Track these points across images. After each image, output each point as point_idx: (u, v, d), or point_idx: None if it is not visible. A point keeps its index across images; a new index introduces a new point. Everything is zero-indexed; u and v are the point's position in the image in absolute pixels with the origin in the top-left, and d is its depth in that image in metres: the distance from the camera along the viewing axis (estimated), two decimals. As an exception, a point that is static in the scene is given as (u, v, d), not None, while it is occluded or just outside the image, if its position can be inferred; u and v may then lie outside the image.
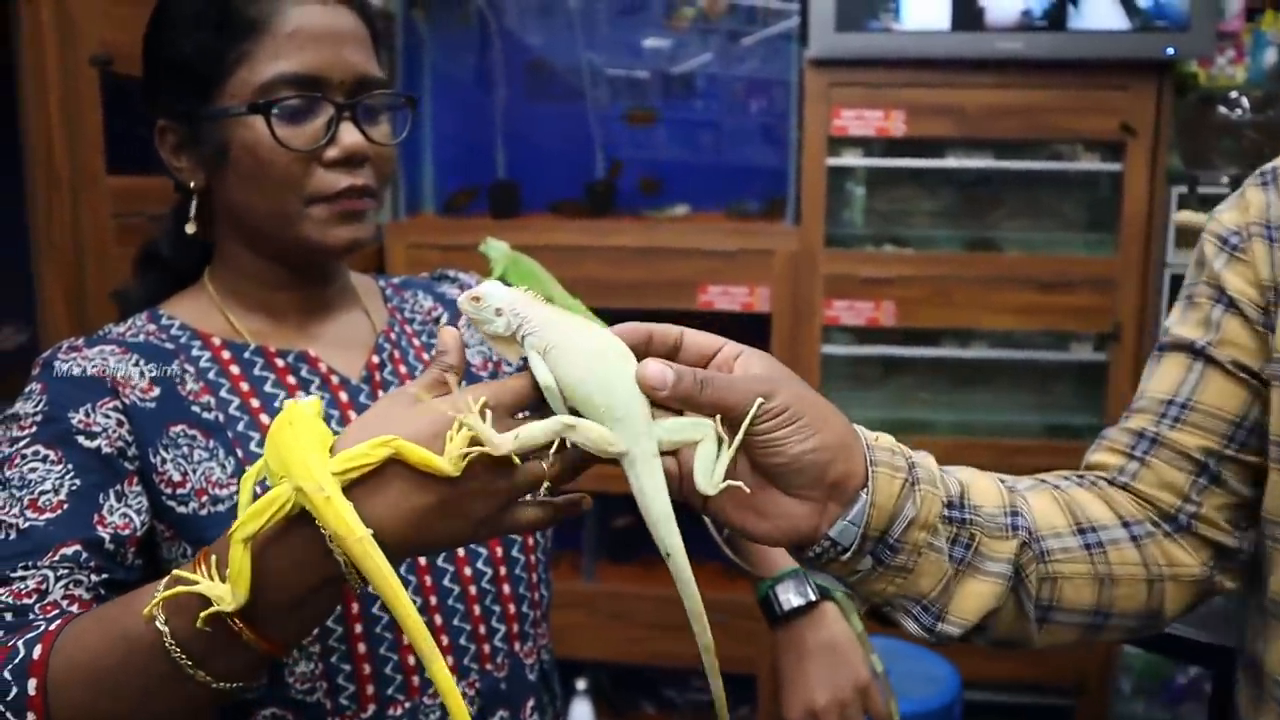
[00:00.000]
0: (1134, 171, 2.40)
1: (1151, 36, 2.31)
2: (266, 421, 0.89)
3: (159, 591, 0.63)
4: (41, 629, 0.67)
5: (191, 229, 0.93)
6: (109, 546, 0.77)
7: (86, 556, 0.75)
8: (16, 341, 1.67)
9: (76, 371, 0.85)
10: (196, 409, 0.87)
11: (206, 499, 0.85)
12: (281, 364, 0.93)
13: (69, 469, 0.79)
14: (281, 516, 0.59)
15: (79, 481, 0.78)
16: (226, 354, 0.92)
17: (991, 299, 2.49)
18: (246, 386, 0.90)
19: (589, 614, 2.65)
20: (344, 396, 0.94)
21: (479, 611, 0.94)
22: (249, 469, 0.64)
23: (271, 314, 0.96)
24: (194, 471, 0.85)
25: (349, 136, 0.87)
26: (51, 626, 0.67)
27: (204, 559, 0.62)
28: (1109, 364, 2.49)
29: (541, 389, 0.64)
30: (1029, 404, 2.70)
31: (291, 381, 0.92)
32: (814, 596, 1.05)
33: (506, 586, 0.96)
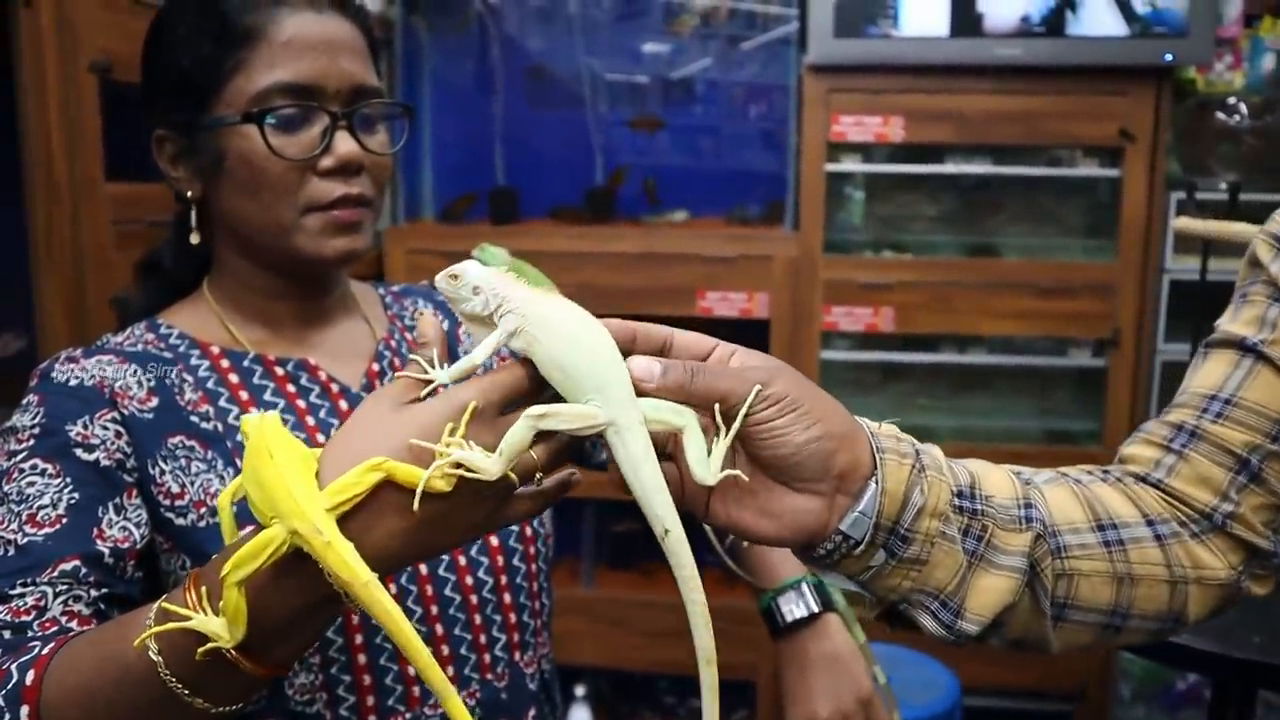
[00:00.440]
0: (1133, 177, 2.40)
1: (1150, 43, 2.31)
2: None
3: (150, 620, 0.61)
4: (36, 652, 0.66)
5: (196, 239, 0.92)
6: (108, 561, 0.76)
7: (86, 572, 0.75)
8: (16, 348, 1.67)
9: (74, 382, 0.84)
10: (195, 419, 0.87)
11: (205, 510, 0.84)
12: (281, 372, 0.92)
13: (67, 482, 0.78)
14: (278, 559, 0.57)
15: (77, 495, 0.78)
16: (225, 363, 0.91)
17: (991, 304, 2.50)
18: (245, 395, 0.90)
19: (588, 620, 2.65)
20: (344, 405, 0.94)
21: (479, 621, 0.93)
22: (224, 489, 0.63)
23: (270, 323, 0.95)
24: (192, 483, 0.85)
25: (344, 145, 0.87)
26: (45, 650, 0.66)
27: (194, 585, 0.61)
28: (1108, 370, 2.49)
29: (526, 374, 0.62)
30: (1028, 409, 2.70)
31: (291, 390, 0.92)
32: (816, 608, 1.04)
33: (507, 596, 0.96)
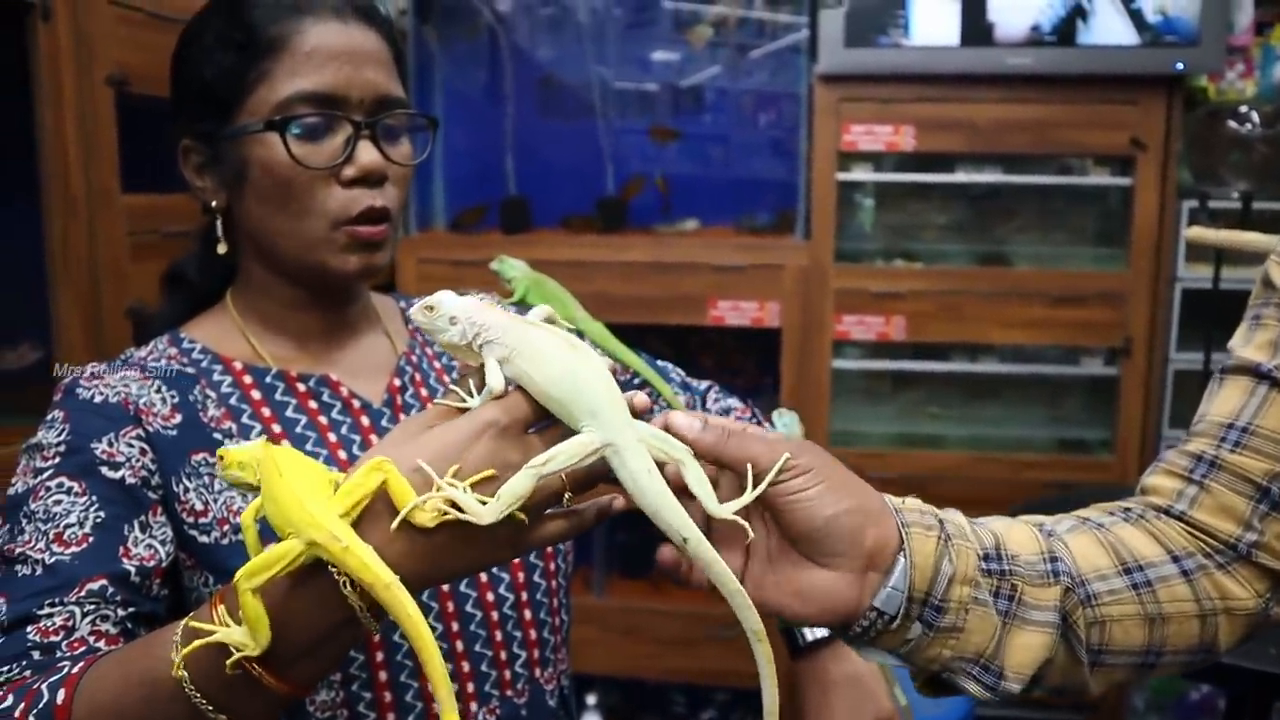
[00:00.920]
0: (1144, 186, 2.40)
1: (1161, 51, 2.31)
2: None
3: (176, 637, 0.62)
4: (65, 671, 0.66)
5: (223, 249, 0.93)
6: (135, 579, 0.77)
7: (113, 591, 0.75)
8: (33, 358, 1.67)
9: (99, 399, 0.84)
10: (218, 435, 0.87)
11: (228, 528, 0.84)
12: (303, 389, 0.92)
13: (93, 500, 0.78)
14: (293, 569, 0.58)
15: (103, 514, 0.78)
16: (248, 378, 0.91)
17: (1002, 313, 2.49)
18: (268, 412, 0.90)
19: (600, 629, 2.64)
20: (365, 421, 0.93)
21: (500, 637, 0.93)
22: (248, 507, 0.64)
23: (292, 336, 0.95)
24: (215, 500, 0.85)
25: (366, 155, 0.87)
26: (75, 669, 0.66)
27: (219, 602, 0.61)
28: (1120, 378, 2.49)
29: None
30: (1040, 418, 2.69)
31: (313, 406, 0.92)
32: None
33: (528, 612, 0.95)
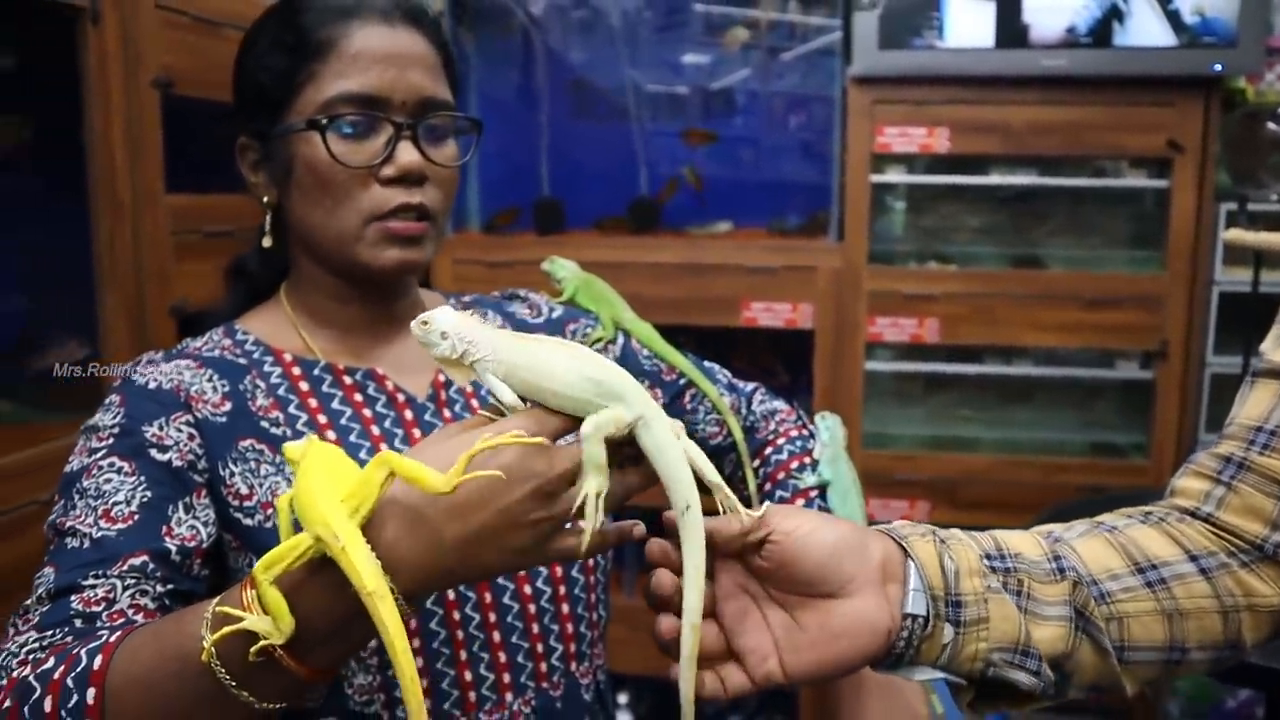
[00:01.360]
0: (1181, 188, 2.38)
1: (1198, 53, 2.30)
2: (333, 437, 0.91)
3: (208, 615, 0.64)
4: (104, 639, 0.69)
5: (268, 242, 0.96)
6: (175, 558, 0.79)
7: (153, 567, 0.77)
8: (80, 356, 1.71)
9: (153, 385, 0.87)
10: (265, 424, 0.89)
11: (271, 512, 0.86)
12: (349, 381, 0.95)
13: (141, 481, 0.81)
14: (304, 562, 0.60)
15: (150, 494, 0.81)
16: (297, 370, 0.94)
17: (1035, 316, 2.48)
18: (314, 403, 0.92)
19: (630, 629, 2.65)
20: (409, 415, 0.95)
21: (537, 630, 0.94)
22: (282, 494, 0.66)
23: (342, 330, 0.97)
24: (260, 485, 0.87)
25: (405, 155, 0.89)
26: (113, 638, 0.69)
27: (247, 586, 0.64)
28: (1155, 382, 2.47)
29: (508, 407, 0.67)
30: (1073, 422, 2.68)
31: (358, 399, 0.94)
32: None
33: (565, 606, 0.96)
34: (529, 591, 0.94)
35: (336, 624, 0.63)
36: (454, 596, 0.90)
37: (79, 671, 0.66)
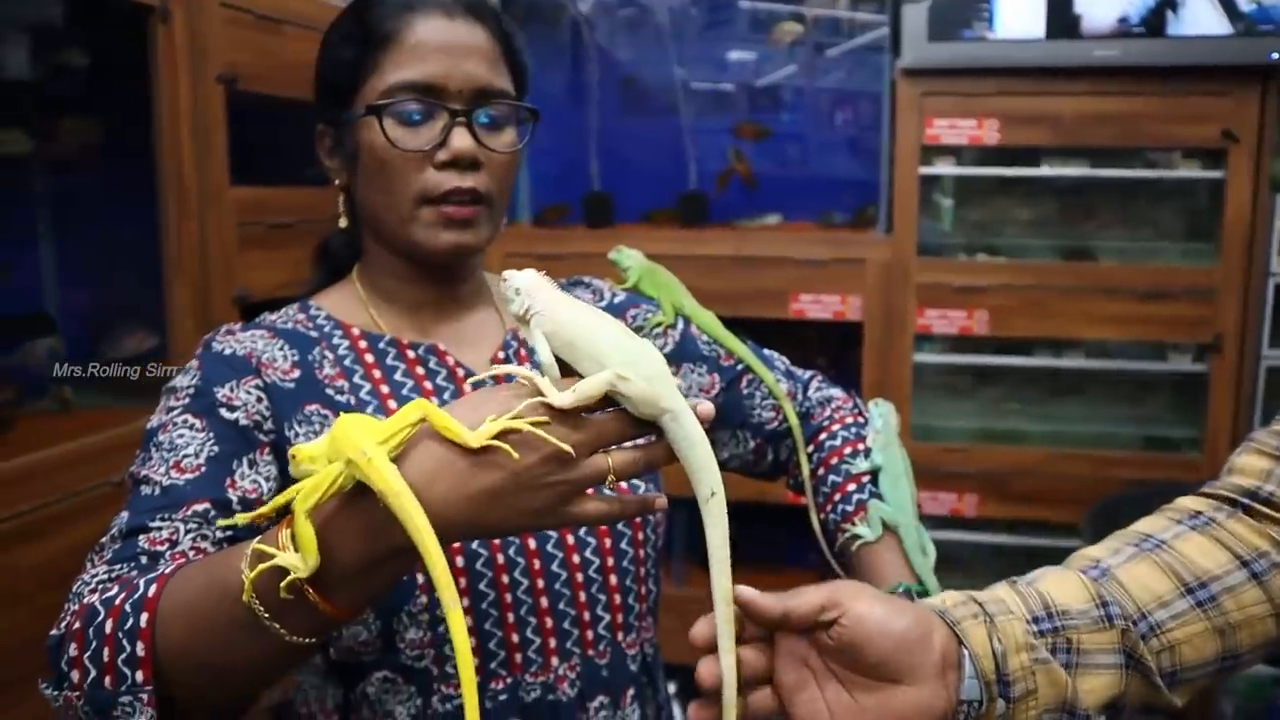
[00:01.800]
0: (1236, 178, 2.36)
1: (1255, 41, 2.27)
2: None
3: (249, 552, 0.69)
4: (161, 571, 0.75)
5: (343, 223, 1.02)
6: (235, 508, 0.84)
7: (214, 514, 0.83)
8: (149, 345, 1.77)
9: (228, 352, 0.93)
10: (331, 391, 0.94)
11: None
12: (412, 355, 0.99)
13: (210, 437, 0.87)
14: (337, 489, 0.64)
15: (217, 449, 0.86)
16: (363, 343, 0.99)
17: (1087, 308, 2.47)
18: (378, 374, 0.97)
19: (680, 618, 2.67)
20: (468, 389, 0.98)
21: (584, 599, 0.98)
22: (298, 445, 0.70)
23: (407, 308, 1.02)
24: None
25: (459, 141, 0.93)
26: (168, 570, 0.74)
27: (283, 527, 0.68)
28: (1209, 375, 2.45)
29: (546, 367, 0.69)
30: (1124, 415, 2.66)
31: (420, 372, 0.98)
32: None
33: (613, 578, 0.99)
34: (577, 561, 0.97)
35: (362, 563, 0.67)
36: (503, 561, 0.93)
37: (136, 598, 0.72)
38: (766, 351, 1.18)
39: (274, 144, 2.09)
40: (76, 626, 0.73)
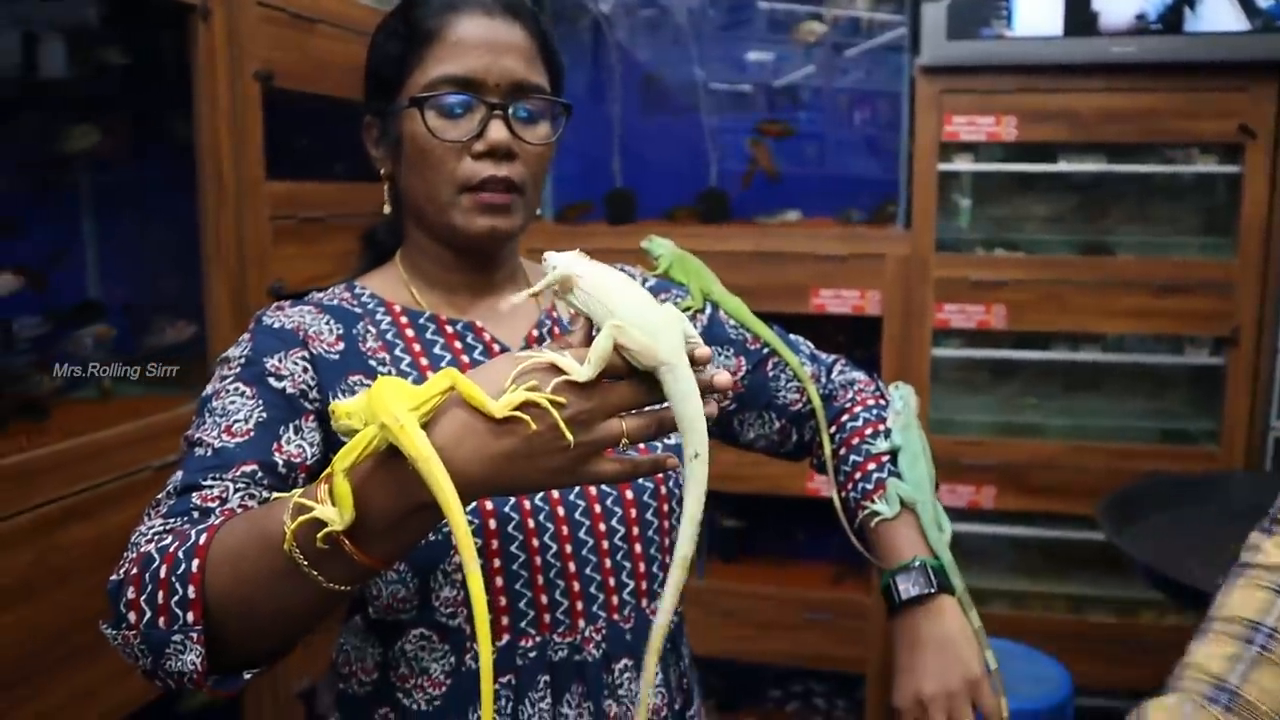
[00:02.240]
0: (1254, 173, 2.38)
1: (1272, 38, 2.30)
2: None
3: (291, 505, 0.74)
4: (211, 523, 0.81)
5: (387, 209, 1.07)
6: (281, 470, 0.91)
7: (261, 475, 0.89)
8: (188, 334, 1.82)
9: (277, 325, 1.00)
10: (373, 363, 1.00)
11: None
12: (450, 330, 1.05)
13: (259, 404, 0.93)
14: (372, 450, 0.70)
15: (265, 415, 0.92)
16: (404, 319, 1.05)
17: (1104, 302, 2.50)
18: (418, 348, 1.03)
19: (702, 611, 2.71)
20: None
21: (610, 565, 1.02)
22: (337, 402, 0.75)
23: (446, 290, 1.08)
24: None
25: (495, 132, 0.99)
26: (218, 521, 0.81)
27: (323, 483, 0.73)
28: (1226, 368, 2.47)
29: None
30: (1142, 409, 2.68)
31: (458, 346, 1.04)
32: (931, 588, 1.05)
33: (638, 546, 1.04)
34: (603, 529, 1.02)
35: (393, 518, 0.72)
36: (534, 525, 0.99)
37: (188, 546, 0.78)
38: (792, 336, 1.22)
39: (306, 139, 2.14)
40: (134, 572, 0.79)
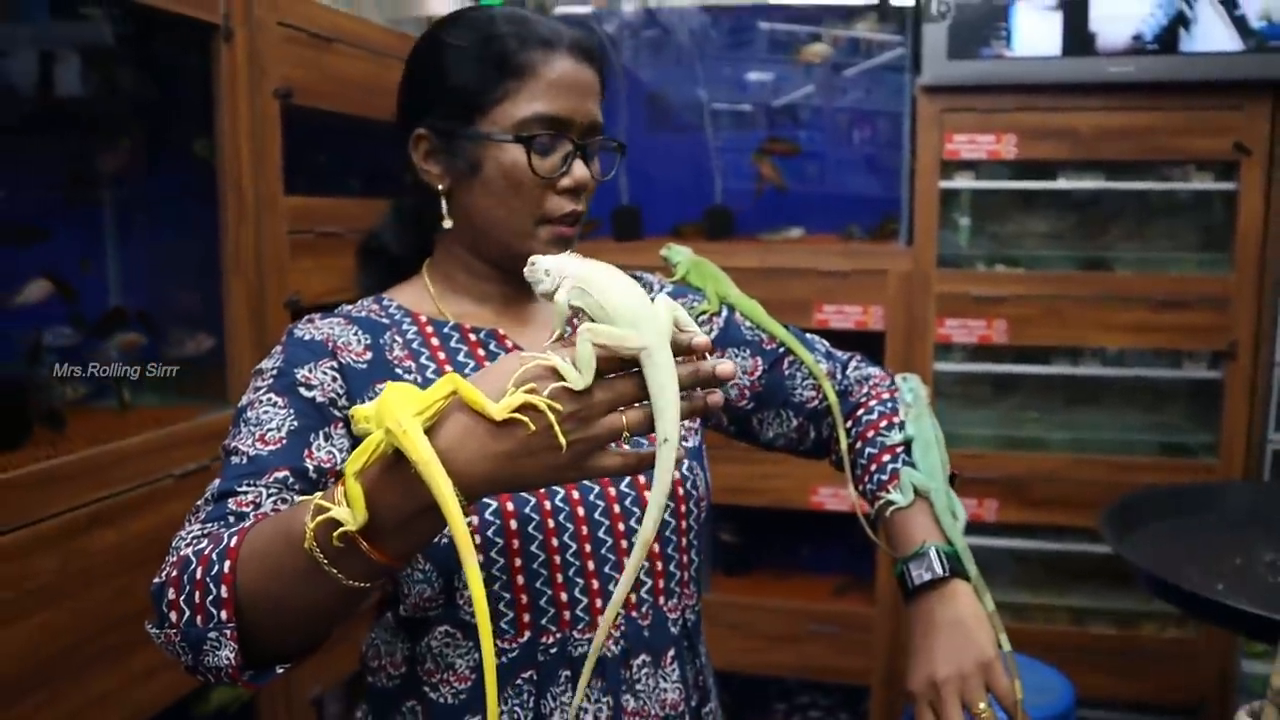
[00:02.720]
0: (1249, 190, 2.42)
1: (1266, 57, 2.34)
2: None
3: (312, 507, 0.78)
4: (243, 525, 0.85)
5: (448, 224, 1.08)
6: (311, 475, 0.94)
7: (293, 480, 0.93)
8: (207, 346, 1.85)
9: (308, 337, 1.04)
10: (400, 371, 1.04)
11: None
12: (474, 339, 1.09)
13: (291, 413, 0.97)
14: (379, 454, 0.73)
15: (296, 423, 0.96)
16: (430, 329, 1.09)
17: (1103, 317, 2.53)
18: (443, 356, 1.07)
19: (713, 625, 2.71)
20: None
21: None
22: (357, 407, 0.78)
23: (476, 300, 1.12)
24: None
25: (580, 170, 1.05)
26: (249, 524, 0.85)
27: (340, 485, 0.77)
28: (1224, 382, 2.51)
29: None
30: (1141, 422, 2.71)
31: (481, 354, 1.08)
32: (944, 573, 1.07)
33: (656, 544, 1.08)
34: (623, 528, 1.06)
35: (401, 518, 0.75)
36: (554, 525, 1.02)
37: (221, 548, 0.82)
38: (809, 335, 1.26)
39: (323, 156, 2.19)
40: (174, 574, 0.83)
